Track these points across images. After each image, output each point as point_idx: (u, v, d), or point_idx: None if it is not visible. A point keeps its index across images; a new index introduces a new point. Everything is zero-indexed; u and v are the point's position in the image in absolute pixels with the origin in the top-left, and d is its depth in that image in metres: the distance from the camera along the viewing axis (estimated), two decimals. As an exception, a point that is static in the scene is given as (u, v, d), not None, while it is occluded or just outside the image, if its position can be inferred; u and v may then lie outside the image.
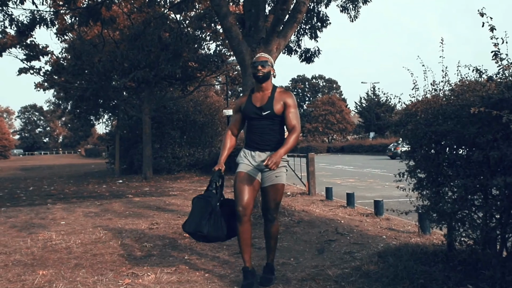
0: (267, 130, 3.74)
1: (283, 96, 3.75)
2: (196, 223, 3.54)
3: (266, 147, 3.74)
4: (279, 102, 3.71)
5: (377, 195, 10.11)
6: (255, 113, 3.74)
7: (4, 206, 10.27)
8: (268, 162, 3.36)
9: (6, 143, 66.29)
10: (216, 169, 3.75)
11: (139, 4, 13.16)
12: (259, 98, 3.79)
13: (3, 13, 8.31)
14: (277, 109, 3.68)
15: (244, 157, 3.81)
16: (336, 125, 61.88)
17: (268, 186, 3.74)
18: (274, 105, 3.69)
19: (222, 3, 6.64)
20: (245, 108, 3.83)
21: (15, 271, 4.49)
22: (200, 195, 3.72)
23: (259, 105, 3.74)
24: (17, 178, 21.97)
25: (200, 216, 3.54)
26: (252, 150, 3.80)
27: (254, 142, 3.79)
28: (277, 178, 3.73)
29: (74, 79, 18.54)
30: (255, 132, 3.78)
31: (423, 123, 3.81)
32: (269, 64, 3.73)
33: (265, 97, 3.76)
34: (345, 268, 4.16)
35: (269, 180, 3.74)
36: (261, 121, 3.73)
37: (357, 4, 10.50)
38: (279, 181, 3.74)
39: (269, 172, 3.70)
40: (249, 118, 3.82)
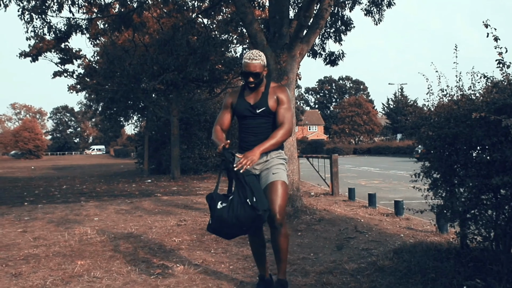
0: (263, 129, 3.45)
1: (277, 91, 3.49)
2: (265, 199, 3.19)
3: None
4: (273, 97, 3.45)
5: (400, 196, 10.23)
6: (249, 110, 3.47)
7: (40, 203, 10.82)
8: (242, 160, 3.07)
9: (39, 143, 68.19)
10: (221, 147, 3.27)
11: (169, 9, 13.60)
12: (252, 94, 3.50)
13: (42, 21, 8.84)
14: (272, 105, 3.43)
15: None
16: (363, 126, 61.59)
17: (266, 186, 3.36)
18: (269, 101, 3.43)
19: (247, 11, 6.96)
20: (237, 106, 3.53)
21: (56, 261, 4.89)
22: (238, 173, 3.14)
23: (253, 102, 3.46)
24: (50, 177, 22.77)
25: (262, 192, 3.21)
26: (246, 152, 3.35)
27: (248, 143, 3.45)
28: (275, 175, 3.38)
29: (105, 82, 19.20)
30: (249, 132, 3.49)
31: (436, 126, 4.02)
32: (262, 71, 3.38)
33: (259, 93, 3.48)
34: (362, 263, 4.40)
35: (267, 179, 3.39)
36: (255, 119, 3.46)
37: (381, 7, 10.66)
38: (277, 178, 3.36)
39: (266, 170, 3.43)
40: (242, 117, 3.52)
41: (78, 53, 18.01)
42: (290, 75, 7.12)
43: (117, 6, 12.37)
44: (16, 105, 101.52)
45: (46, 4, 8.74)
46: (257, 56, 3.36)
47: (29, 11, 8.45)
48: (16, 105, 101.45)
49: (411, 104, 52.99)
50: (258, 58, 3.35)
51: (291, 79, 7.14)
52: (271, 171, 3.40)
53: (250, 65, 3.33)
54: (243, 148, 3.48)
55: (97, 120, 46.98)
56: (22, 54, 16.77)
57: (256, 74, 3.34)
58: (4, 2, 7.81)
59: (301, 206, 7.28)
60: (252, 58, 3.34)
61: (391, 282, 3.75)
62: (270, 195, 3.29)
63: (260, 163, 3.42)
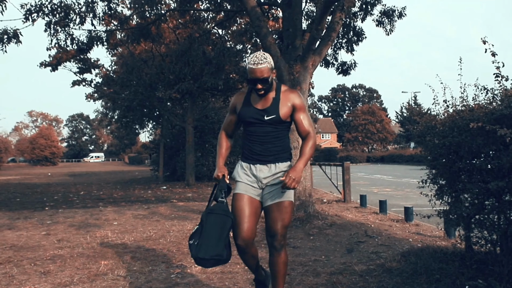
0: (270, 138, 3.07)
1: (290, 96, 3.09)
2: (214, 247, 2.85)
3: (268, 158, 3.09)
4: (286, 104, 3.06)
5: (412, 203, 10.38)
6: (255, 117, 3.06)
7: (60, 208, 11.19)
8: (287, 180, 2.84)
9: (55, 150, 69.21)
10: (221, 175, 3.09)
11: (185, 21, 14.00)
12: (260, 98, 3.09)
13: (65, 33, 9.27)
14: (284, 113, 3.04)
15: (243, 173, 3.15)
16: (376, 134, 61.55)
17: (272, 204, 3.06)
18: (280, 108, 3.04)
19: (262, 25, 7.26)
20: (242, 111, 3.13)
21: (80, 261, 5.19)
22: (210, 208, 3.02)
23: (261, 108, 3.07)
24: (67, 183, 23.24)
25: (218, 237, 2.87)
26: (251, 163, 3.13)
27: (253, 153, 3.11)
28: (284, 194, 3.06)
29: (122, 90, 19.67)
30: (255, 140, 3.10)
31: (441, 135, 4.25)
32: (270, 75, 2.99)
33: (269, 98, 3.08)
34: (370, 265, 4.62)
35: (273, 198, 3.07)
36: (262, 127, 3.06)
37: (393, 18, 10.88)
38: (285, 198, 3.06)
39: (272, 187, 3.09)
40: (247, 123, 3.13)
41: (96, 62, 18.52)
42: (303, 86, 7.39)
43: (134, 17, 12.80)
44: (33, 113, 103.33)
45: (69, 17, 9.16)
46: (262, 59, 2.94)
47: (54, 25, 8.88)
48: (33, 112, 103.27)
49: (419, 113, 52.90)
50: (264, 62, 2.93)
51: (304, 89, 7.41)
52: (279, 189, 3.05)
53: (256, 71, 2.92)
54: (246, 157, 3.15)
55: (112, 127, 47.73)
56: (42, 64, 17.30)
57: (264, 80, 2.94)
58: (32, 17, 8.25)
59: (313, 212, 7.51)
60: (257, 63, 2.92)
61: (398, 283, 3.97)
62: (274, 213, 3.04)
63: (267, 176, 3.10)
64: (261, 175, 3.09)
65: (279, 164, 3.11)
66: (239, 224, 2.99)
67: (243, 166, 3.17)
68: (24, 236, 7.01)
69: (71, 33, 9.36)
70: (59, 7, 8.65)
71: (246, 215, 3.01)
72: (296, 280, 4.20)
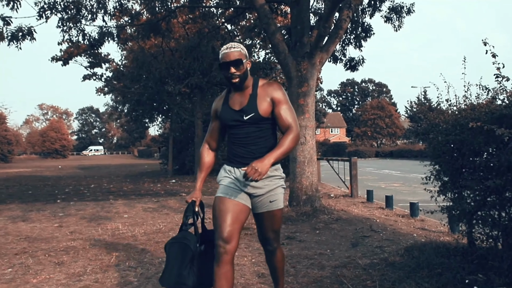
0: (253, 138, 2.85)
1: (269, 90, 2.85)
2: (177, 276, 2.74)
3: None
4: (265, 99, 2.83)
5: (419, 199, 10.44)
6: (235, 119, 2.86)
7: (72, 200, 11.42)
8: (248, 170, 2.52)
9: (65, 143, 69.79)
10: (189, 200, 2.94)
11: (194, 16, 14.12)
12: (237, 98, 2.89)
13: (77, 29, 9.44)
14: (263, 110, 2.81)
15: (225, 177, 2.96)
16: (385, 129, 61.39)
17: (262, 213, 2.93)
18: (259, 104, 2.81)
19: (270, 22, 7.37)
20: (222, 114, 2.94)
21: (93, 252, 5.37)
22: (173, 238, 2.88)
23: (238, 108, 2.85)
24: (77, 176, 23.53)
25: (179, 266, 2.74)
26: (235, 166, 2.91)
27: (237, 156, 2.90)
28: (272, 203, 2.90)
29: (132, 84, 19.88)
30: (238, 143, 2.89)
31: (444, 132, 4.35)
32: (243, 59, 2.80)
33: (246, 95, 2.87)
34: (374, 259, 4.74)
35: (262, 206, 2.90)
36: (243, 128, 2.85)
37: (401, 14, 10.92)
38: (274, 207, 2.91)
39: (261, 196, 2.87)
40: (228, 127, 2.94)
41: (106, 57, 18.71)
42: (310, 82, 7.49)
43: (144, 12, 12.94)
44: (44, 106, 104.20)
45: (81, 14, 9.32)
46: (235, 45, 2.83)
47: (67, 21, 9.05)
48: (43, 105, 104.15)
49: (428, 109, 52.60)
50: (237, 47, 2.81)
51: (311, 86, 7.51)
52: (268, 198, 2.88)
53: (229, 54, 2.76)
54: (230, 160, 2.97)
55: (122, 121, 48.05)
56: (54, 58, 17.50)
57: (237, 62, 2.75)
58: (45, 15, 8.42)
59: (319, 206, 7.63)
60: (229, 47, 2.80)
61: (400, 276, 4.08)
62: (265, 222, 2.94)
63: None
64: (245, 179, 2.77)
65: None
66: (219, 226, 2.74)
67: (226, 169, 2.97)
68: (38, 227, 7.22)
69: (82, 29, 9.53)
70: (71, 3, 8.82)
71: (228, 217, 2.74)
72: (301, 272, 4.33)
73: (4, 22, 8.15)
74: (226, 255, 2.67)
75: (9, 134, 45.05)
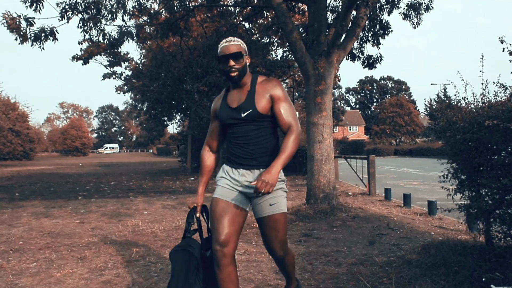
0: (252, 138, 2.75)
1: (268, 87, 2.75)
2: (184, 282, 2.67)
3: (252, 162, 2.75)
4: (263, 96, 2.72)
5: (437, 197, 10.39)
6: (232, 117, 2.76)
7: (93, 197, 11.63)
8: (258, 184, 2.43)
9: (85, 141, 70.74)
10: (191, 206, 2.94)
11: (212, 15, 14.23)
12: (235, 96, 2.80)
13: (97, 29, 9.62)
14: (262, 107, 2.70)
15: (222, 177, 2.85)
16: (404, 127, 60.81)
17: (262, 218, 2.77)
18: (257, 101, 2.71)
19: (287, 21, 7.40)
20: (220, 112, 2.85)
21: (114, 248, 5.49)
22: (178, 245, 2.81)
23: (236, 105, 2.76)
24: (98, 174, 23.88)
25: (185, 274, 2.69)
26: (233, 166, 2.82)
27: (235, 156, 2.80)
28: (273, 206, 2.73)
29: (151, 83, 20.11)
30: (235, 142, 2.79)
31: (461, 130, 4.34)
32: (243, 53, 2.74)
33: (244, 92, 2.78)
34: (391, 257, 4.76)
35: (262, 211, 2.76)
36: (242, 127, 2.75)
37: (419, 11, 10.84)
38: (275, 211, 2.74)
39: (261, 198, 2.74)
40: (227, 125, 2.83)
41: (126, 56, 18.96)
42: (327, 81, 7.51)
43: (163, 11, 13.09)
44: (64, 104, 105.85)
45: (101, 14, 9.50)
46: (234, 39, 2.78)
47: (87, 21, 9.23)
48: (64, 104, 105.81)
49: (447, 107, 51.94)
50: (236, 41, 2.77)
51: (328, 84, 7.53)
52: (267, 201, 2.74)
53: (228, 47, 2.71)
54: (229, 160, 2.86)
55: (141, 119, 48.53)
56: (74, 57, 17.82)
57: (236, 55, 2.68)
58: (67, 15, 8.61)
59: (337, 204, 7.65)
60: (229, 41, 2.75)
61: (416, 274, 4.10)
62: (267, 230, 2.77)
63: (250, 181, 2.75)
64: (243, 179, 2.75)
65: (263, 170, 2.73)
66: (216, 229, 2.68)
67: (225, 169, 2.86)
68: (60, 223, 7.40)
69: (102, 28, 9.71)
70: (91, 3, 8.99)
71: (225, 219, 2.67)
72: (318, 269, 4.38)
73: (28, 23, 8.36)
74: (225, 259, 2.62)
75: (31, 132, 45.84)
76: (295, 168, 18.84)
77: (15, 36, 8.46)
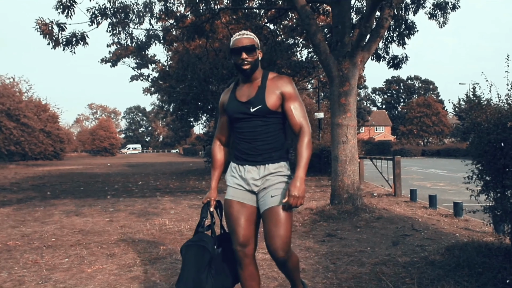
0: (259, 134, 2.71)
1: (279, 83, 2.73)
2: (194, 280, 2.64)
3: (258, 158, 2.73)
4: (274, 92, 2.70)
5: (464, 199, 10.23)
6: (241, 111, 2.73)
7: (121, 196, 11.90)
8: (291, 201, 2.53)
9: (113, 141, 71.98)
10: (205, 201, 2.90)
11: (237, 17, 14.37)
12: (245, 90, 2.77)
13: (125, 33, 9.88)
14: (272, 103, 2.68)
15: (231, 176, 2.85)
16: (432, 127, 59.85)
17: (265, 212, 2.69)
18: (267, 97, 2.68)
19: (312, 23, 7.47)
20: (228, 106, 2.82)
21: (142, 245, 5.66)
22: (189, 240, 2.78)
23: (245, 100, 2.73)
24: (125, 174, 24.29)
25: (197, 269, 2.65)
26: (239, 163, 2.81)
27: (242, 152, 2.78)
28: (274, 198, 2.66)
29: (177, 85, 20.42)
30: (242, 138, 2.76)
31: (485, 131, 4.34)
32: (256, 46, 2.71)
33: (254, 87, 2.75)
34: (414, 257, 4.78)
35: (264, 204, 2.69)
36: (250, 122, 2.72)
37: (446, 11, 10.73)
38: (276, 203, 2.65)
39: (263, 191, 2.72)
40: (235, 119, 2.78)
41: (153, 58, 19.30)
42: (351, 82, 7.54)
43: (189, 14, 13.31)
44: (93, 105, 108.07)
45: (129, 18, 9.74)
46: (248, 32, 2.75)
47: (116, 26, 9.50)
48: (93, 105, 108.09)
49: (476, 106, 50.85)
50: (250, 34, 2.74)
51: (352, 85, 7.55)
52: (269, 192, 2.69)
53: (241, 40, 2.68)
54: (236, 157, 2.85)
55: (168, 120, 49.15)
56: (103, 60, 18.25)
57: (249, 48, 2.66)
58: (97, 20, 8.88)
59: (361, 205, 7.67)
60: (242, 34, 2.73)
61: (440, 275, 4.11)
62: (268, 225, 2.65)
63: (256, 179, 2.74)
64: (249, 176, 2.74)
65: (268, 166, 2.73)
66: (234, 231, 2.73)
67: (232, 168, 2.86)
68: (90, 222, 7.63)
69: (130, 32, 9.96)
70: (120, 8, 9.24)
71: (240, 220, 2.72)
72: (341, 269, 4.44)
73: (60, 28, 8.65)
74: (246, 258, 2.70)
75: (61, 133, 46.93)
76: (320, 169, 18.83)
77: (47, 41, 8.77)
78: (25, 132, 38.12)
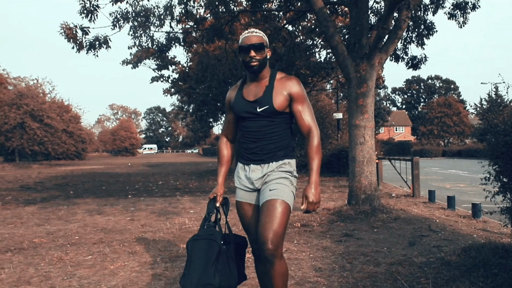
0: (265, 133, 2.71)
1: (286, 84, 2.71)
2: (201, 274, 2.53)
3: (263, 157, 2.73)
4: (281, 93, 2.68)
5: (484, 200, 10.17)
6: (247, 110, 2.72)
7: (142, 196, 12.13)
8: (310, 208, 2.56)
9: (134, 142, 72.86)
10: (211, 197, 2.90)
11: (256, 19, 14.49)
12: (252, 89, 2.76)
13: (146, 36, 10.09)
14: (279, 103, 2.66)
15: (238, 177, 2.87)
16: (453, 128, 59.07)
17: (261, 205, 2.66)
18: (274, 97, 2.67)
19: (329, 25, 7.53)
20: (234, 104, 2.81)
21: (162, 244, 5.81)
22: (196, 235, 2.73)
23: (252, 99, 2.72)
24: (146, 174, 24.62)
25: (205, 264, 2.55)
26: (245, 163, 2.82)
27: (247, 151, 2.78)
28: (272, 192, 2.63)
29: (197, 86, 20.63)
30: (248, 137, 2.76)
31: (502, 133, 4.36)
32: (264, 45, 2.70)
33: (261, 87, 2.74)
34: (430, 258, 4.82)
35: (262, 198, 2.68)
36: (256, 122, 2.71)
37: (466, 10, 10.66)
38: (273, 196, 2.61)
39: (264, 185, 2.72)
40: (241, 118, 2.79)
41: (173, 59, 19.55)
42: (369, 83, 7.58)
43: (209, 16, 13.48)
44: (114, 106, 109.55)
45: (150, 21, 9.95)
46: (257, 30, 2.75)
47: (137, 29, 9.72)
48: (114, 106, 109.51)
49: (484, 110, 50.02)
50: (259, 32, 2.73)
51: (370, 86, 7.60)
52: (268, 187, 2.67)
53: (250, 38, 2.69)
54: (242, 156, 2.84)
55: (187, 120, 49.51)
56: (124, 61, 18.56)
57: (258, 46, 2.65)
58: (119, 24, 9.11)
59: (378, 206, 7.71)
60: (251, 32, 2.73)
61: (455, 275, 4.15)
62: (262, 217, 2.58)
63: (259, 177, 2.76)
64: (253, 175, 2.76)
65: (272, 164, 2.73)
66: (249, 231, 2.82)
67: (239, 168, 2.87)
68: (112, 220, 7.83)
69: (151, 35, 10.17)
70: (141, 12, 9.44)
71: (251, 222, 2.79)
72: (357, 268, 4.51)
73: (83, 32, 8.89)
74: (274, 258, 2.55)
75: (83, 133, 47.70)
76: (338, 170, 18.82)
77: (72, 44, 9.01)
78: (48, 133, 38.91)
